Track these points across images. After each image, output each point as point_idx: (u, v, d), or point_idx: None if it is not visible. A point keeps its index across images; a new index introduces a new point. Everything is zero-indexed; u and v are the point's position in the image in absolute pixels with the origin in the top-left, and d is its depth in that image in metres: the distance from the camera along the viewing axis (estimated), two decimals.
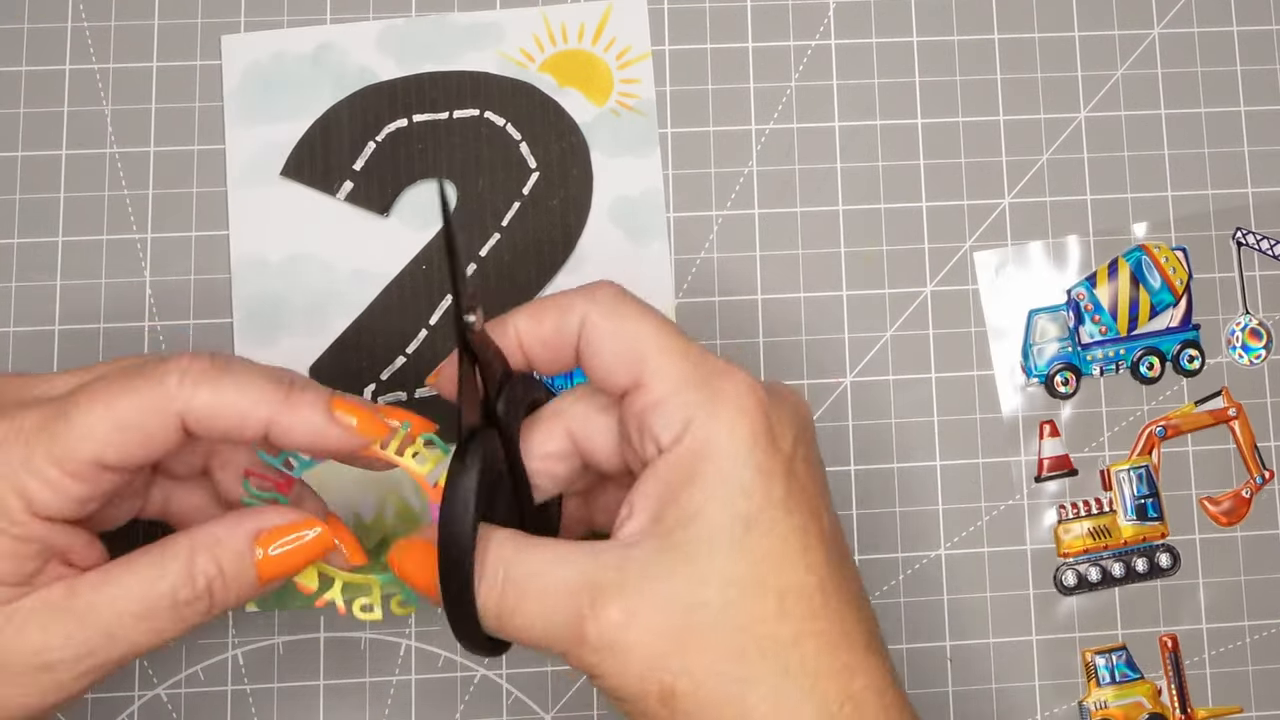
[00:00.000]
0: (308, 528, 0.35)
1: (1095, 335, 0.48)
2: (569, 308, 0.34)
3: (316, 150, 0.47)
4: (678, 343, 0.33)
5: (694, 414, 0.32)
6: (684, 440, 0.32)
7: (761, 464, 0.32)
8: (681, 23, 0.49)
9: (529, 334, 0.35)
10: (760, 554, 0.32)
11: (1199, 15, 0.50)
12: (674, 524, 0.32)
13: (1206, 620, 0.47)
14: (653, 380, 0.33)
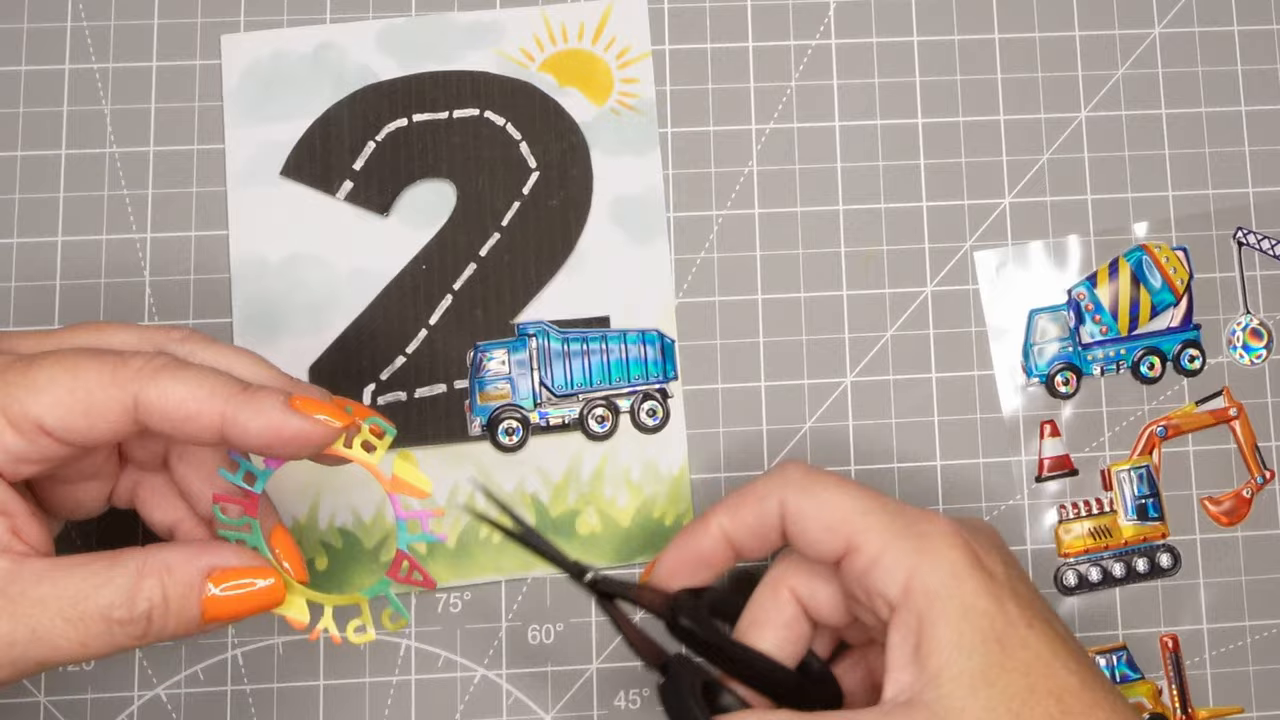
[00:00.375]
0: (261, 576, 0.34)
1: (1096, 335, 0.48)
2: (765, 495, 0.38)
3: (316, 150, 0.47)
4: (876, 502, 0.37)
5: (912, 562, 0.35)
6: (912, 590, 0.35)
7: (989, 589, 0.35)
8: (681, 22, 0.49)
9: (733, 528, 0.38)
10: (1024, 666, 0.34)
11: (1199, 15, 0.50)
12: (939, 665, 0.34)
13: (1207, 620, 0.47)
14: (864, 542, 0.36)
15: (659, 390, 0.47)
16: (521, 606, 0.46)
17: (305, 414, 0.33)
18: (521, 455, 0.46)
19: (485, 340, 0.46)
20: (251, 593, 0.34)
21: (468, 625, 0.46)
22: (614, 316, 0.47)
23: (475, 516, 0.38)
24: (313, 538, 0.45)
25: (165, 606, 0.33)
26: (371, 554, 0.45)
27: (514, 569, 0.46)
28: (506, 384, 0.46)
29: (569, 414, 0.47)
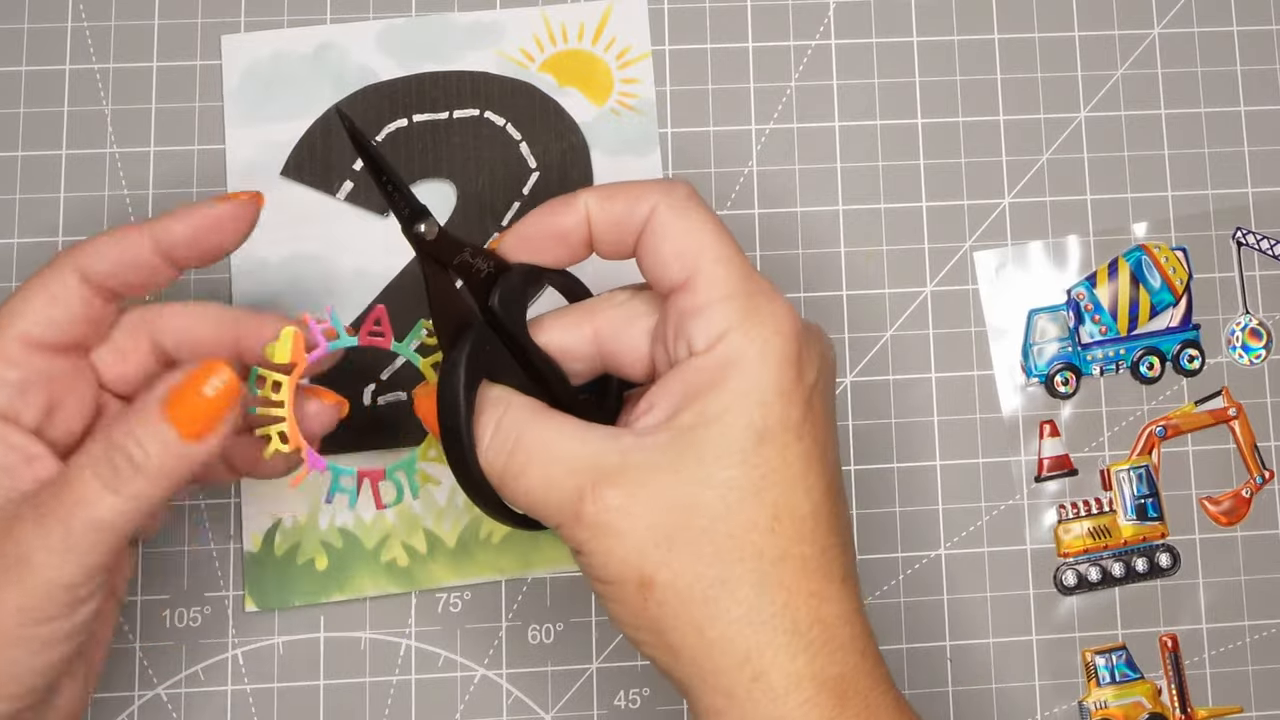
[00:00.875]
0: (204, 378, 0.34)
1: (1095, 335, 0.48)
2: (642, 196, 0.35)
3: (316, 150, 0.47)
4: (733, 254, 0.34)
5: (732, 324, 0.33)
6: (716, 348, 0.33)
7: (784, 386, 0.33)
8: (681, 23, 0.49)
9: (598, 212, 0.35)
10: (765, 469, 0.32)
11: (1199, 15, 0.50)
12: (689, 424, 0.33)
13: (1206, 620, 0.47)
14: (701, 284, 0.34)
15: None
16: (521, 606, 0.46)
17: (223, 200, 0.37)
18: None
19: None
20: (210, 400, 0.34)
21: (468, 625, 0.46)
22: None
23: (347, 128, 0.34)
24: (313, 538, 0.45)
25: (137, 441, 0.33)
26: (372, 554, 0.45)
27: (514, 569, 0.46)
28: None
29: None
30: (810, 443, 0.33)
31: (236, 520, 0.45)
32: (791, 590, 0.32)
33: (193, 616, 0.45)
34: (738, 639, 0.32)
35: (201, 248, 0.37)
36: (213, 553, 0.45)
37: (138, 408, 0.34)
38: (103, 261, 0.36)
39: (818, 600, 0.33)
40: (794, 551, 0.33)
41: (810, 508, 0.33)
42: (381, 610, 0.45)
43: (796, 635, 0.32)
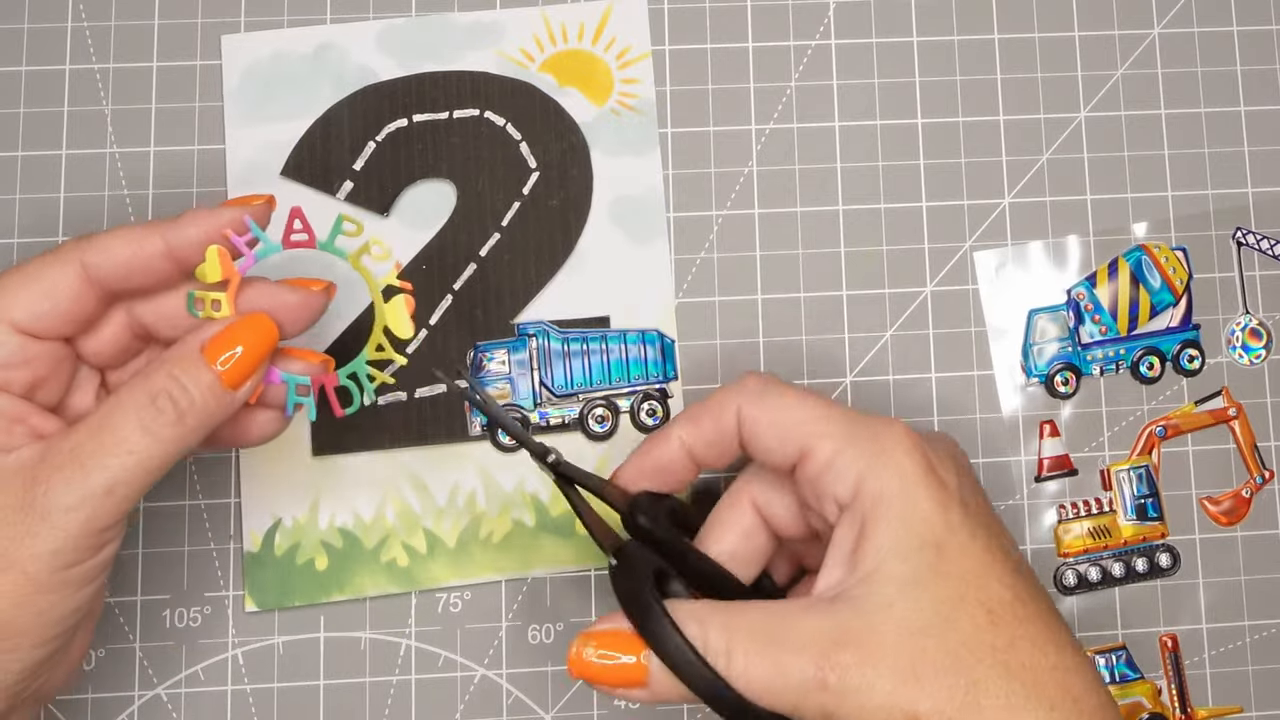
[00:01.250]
0: (246, 332, 0.36)
1: (1095, 335, 0.48)
2: (722, 405, 0.38)
3: (316, 150, 0.47)
4: (831, 409, 0.37)
5: (863, 466, 0.35)
6: (860, 494, 0.35)
7: (935, 496, 0.35)
8: (681, 23, 0.49)
9: (692, 438, 0.39)
10: (958, 574, 0.34)
11: (1199, 15, 0.50)
12: (872, 566, 0.34)
13: (1206, 620, 0.47)
14: (815, 449, 0.36)
15: (659, 390, 0.47)
16: (521, 606, 0.46)
17: (232, 203, 0.37)
18: (521, 455, 0.46)
19: (485, 340, 0.46)
20: (249, 348, 0.36)
21: (468, 625, 0.46)
22: (614, 316, 0.47)
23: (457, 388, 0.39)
24: (313, 538, 0.45)
25: (181, 386, 0.35)
26: (372, 554, 0.45)
27: (514, 569, 0.46)
28: (506, 384, 0.46)
29: (569, 414, 0.47)
30: (984, 535, 0.35)
31: (236, 520, 0.45)
32: (1033, 669, 0.34)
33: (193, 616, 0.45)
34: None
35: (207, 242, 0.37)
36: (213, 553, 0.45)
37: (179, 353, 0.35)
38: (110, 260, 0.36)
39: (1061, 672, 0.34)
40: (1020, 634, 0.34)
41: (1012, 593, 0.35)
42: (381, 610, 0.45)
43: (1053, 710, 0.33)
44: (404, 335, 0.39)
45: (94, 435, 0.34)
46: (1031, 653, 0.34)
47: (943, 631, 0.33)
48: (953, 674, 0.33)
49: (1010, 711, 0.33)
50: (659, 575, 0.37)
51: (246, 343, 0.36)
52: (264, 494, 0.45)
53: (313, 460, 0.46)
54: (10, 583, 0.33)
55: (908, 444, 0.36)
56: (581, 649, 0.35)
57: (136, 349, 0.39)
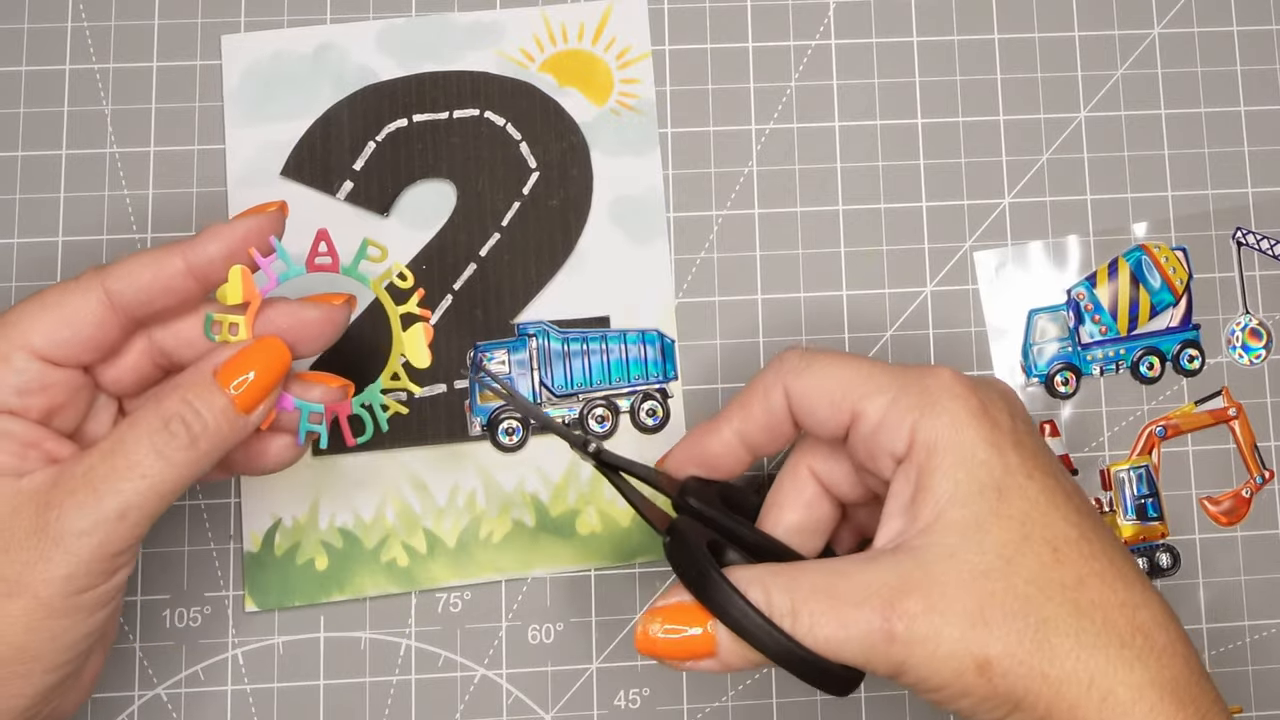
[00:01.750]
0: (258, 358, 0.36)
1: (1095, 335, 0.48)
2: (769, 387, 0.38)
3: (316, 150, 0.47)
4: (875, 367, 0.36)
5: (915, 417, 0.35)
6: (915, 443, 0.35)
7: (990, 439, 0.35)
8: (681, 23, 0.49)
9: (745, 426, 0.38)
10: (1021, 515, 0.34)
11: (1199, 15, 0.50)
12: (932, 514, 0.34)
13: (1206, 620, 0.47)
14: (866, 408, 0.36)
15: (659, 390, 0.47)
16: (521, 606, 0.46)
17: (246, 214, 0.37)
18: (521, 455, 0.46)
19: (485, 340, 0.46)
20: (262, 373, 0.36)
21: (468, 625, 0.46)
22: (614, 316, 0.47)
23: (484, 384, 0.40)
24: (313, 537, 0.45)
25: (194, 410, 0.35)
26: (372, 554, 0.45)
27: (514, 569, 0.46)
28: (507, 384, 0.46)
29: (569, 414, 0.47)
30: (1042, 475, 0.35)
31: (236, 520, 0.45)
32: (1103, 605, 0.33)
33: (193, 616, 0.45)
34: (1078, 667, 0.33)
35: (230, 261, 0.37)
36: (213, 553, 0.45)
37: (191, 378, 0.35)
38: (133, 285, 0.36)
39: (1130, 609, 0.34)
40: (1087, 571, 0.34)
41: (1078, 531, 0.34)
42: (381, 610, 0.45)
43: (1125, 647, 0.33)
44: (421, 365, 0.39)
45: (106, 459, 0.34)
46: (1100, 589, 0.34)
47: (1008, 573, 0.33)
48: (1021, 615, 0.33)
49: (1081, 649, 0.33)
50: (713, 546, 0.36)
51: (260, 367, 0.36)
52: (264, 494, 0.45)
53: (313, 460, 0.46)
54: (22, 608, 0.33)
55: (957, 389, 0.35)
56: (648, 626, 0.35)
57: (156, 378, 0.39)
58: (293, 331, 0.37)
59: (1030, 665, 0.33)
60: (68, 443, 0.36)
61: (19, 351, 0.35)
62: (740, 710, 0.46)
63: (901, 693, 0.46)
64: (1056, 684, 0.33)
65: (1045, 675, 0.33)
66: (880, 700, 0.46)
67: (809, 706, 0.46)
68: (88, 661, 0.36)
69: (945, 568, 0.33)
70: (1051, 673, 0.33)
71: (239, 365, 0.36)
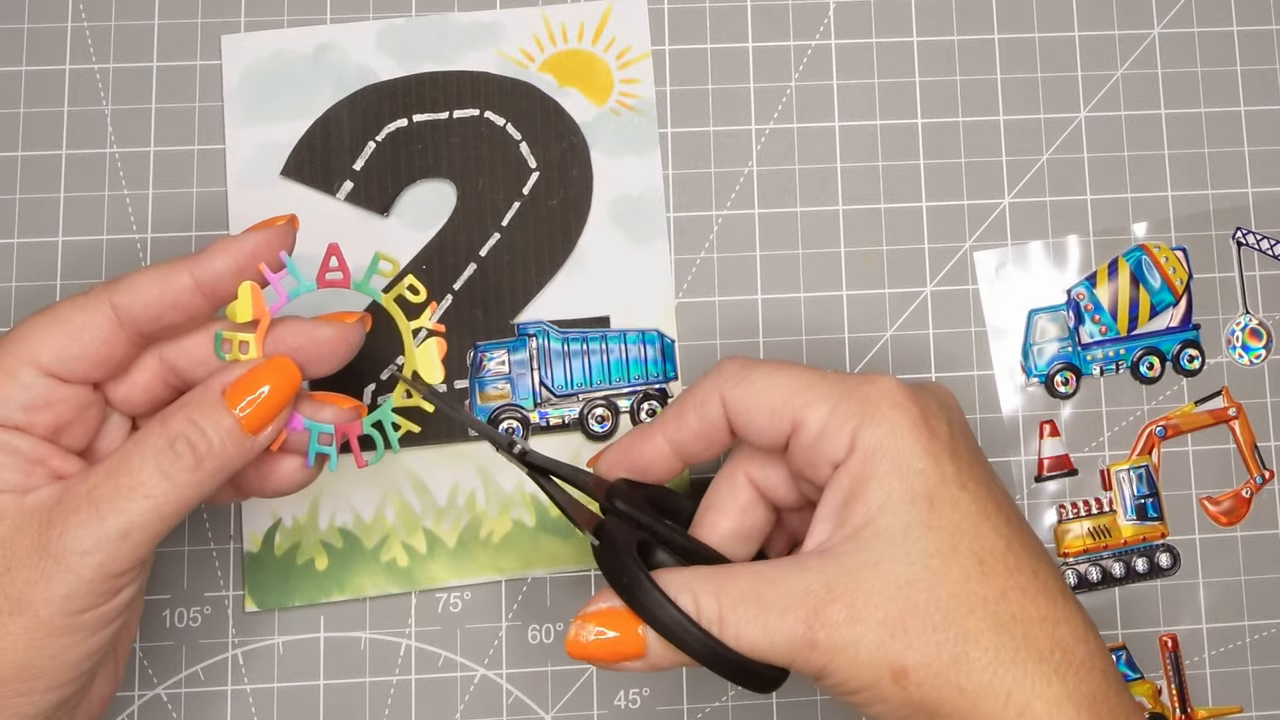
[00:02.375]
0: (270, 375, 0.36)
1: (1095, 335, 0.48)
2: (704, 397, 0.37)
3: (316, 150, 0.47)
4: (815, 376, 0.36)
5: (855, 424, 0.35)
6: (853, 451, 0.35)
7: (927, 448, 0.35)
8: (681, 23, 0.49)
9: (679, 435, 0.38)
10: (950, 526, 0.34)
11: (1199, 15, 0.50)
12: (863, 521, 0.34)
13: (1206, 620, 0.47)
14: (807, 418, 0.36)
15: (659, 390, 0.47)
16: (521, 606, 0.46)
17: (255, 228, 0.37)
18: None
19: (485, 340, 0.46)
20: (272, 393, 0.36)
21: (468, 625, 0.46)
22: (614, 316, 0.47)
23: (406, 388, 0.38)
24: (313, 538, 0.45)
25: (200, 431, 0.34)
26: (372, 554, 0.45)
27: (514, 569, 0.46)
28: (506, 384, 0.46)
29: (569, 414, 0.47)
30: (975, 485, 0.35)
31: (236, 520, 0.45)
32: (1024, 621, 0.34)
33: (193, 616, 0.45)
34: (995, 681, 0.33)
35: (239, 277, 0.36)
36: (213, 553, 0.45)
37: (198, 397, 0.35)
38: (140, 300, 0.35)
39: (1051, 624, 0.34)
40: (1011, 585, 0.34)
41: (1004, 542, 0.35)
42: (381, 610, 0.45)
43: (1043, 662, 0.33)
44: (434, 380, 0.38)
45: (110, 478, 0.34)
46: (1022, 603, 0.34)
47: (932, 585, 0.33)
48: (942, 627, 0.33)
49: (999, 663, 0.33)
50: (643, 547, 0.36)
51: (269, 385, 0.35)
52: None
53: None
54: (23, 626, 0.33)
55: (898, 398, 0.35)
56: (579, 631, 0.35)
57: (169, 397, 0.38)
58: (304, 351, 0.37)
59: (946, 678, 0.33)
60: (75, 460, 0.36)
61: (26, 367, 0.35)
62: (740, 710, 0.46)
63: None
64: (973, 697, 0.33)
65: (961, 688, 0.33)
66: None
67: (809, 706, 0.46)
68: (95, 680, 0.36)
69: (870, 576, 0.33)
70: (968, 686, 0.33)
71: (248, 385, 0.35)
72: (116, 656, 0.38)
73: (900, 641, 0.33)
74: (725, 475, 0.39)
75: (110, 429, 0.38)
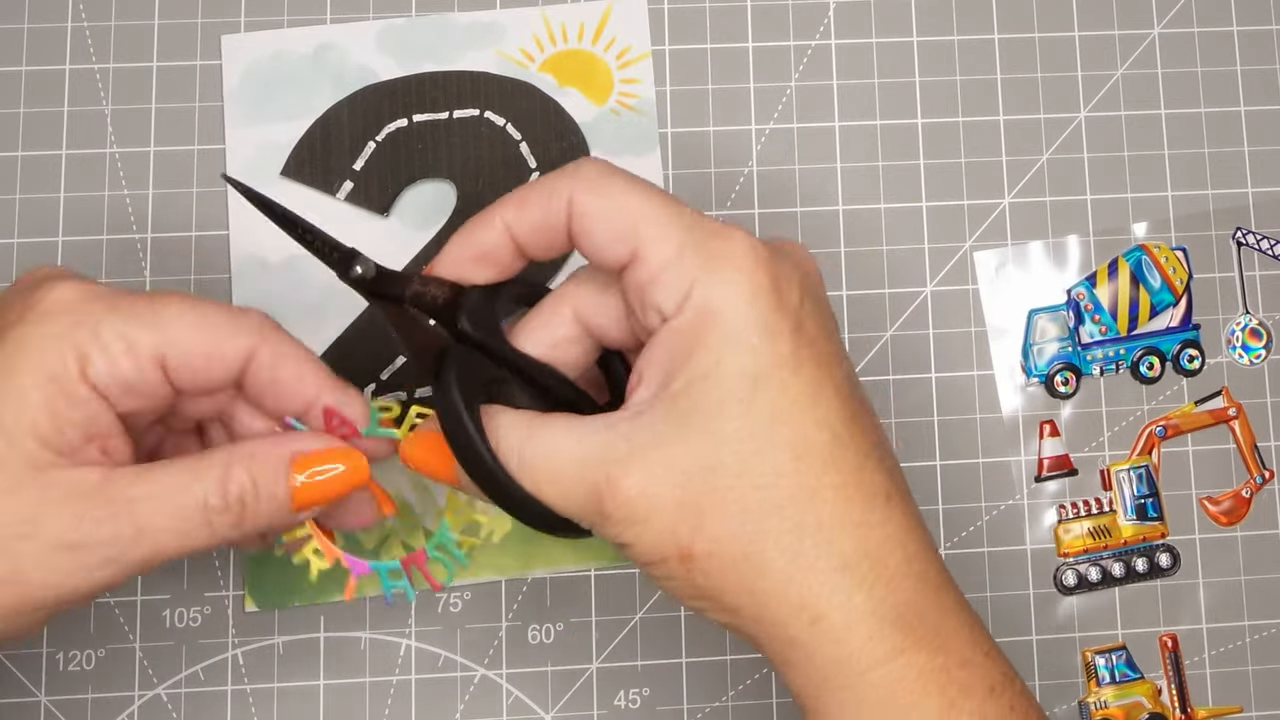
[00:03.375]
0: (344, 459, 0.35)
1: (1095, 335, 0.48)
2: (553, 191, 0.33)
3: (316, 150, 0.47)
4: (671, 210, 0.33)
5: (695, 278, 0.32)
6: (687, 306, 0.32)
7: (767, 321, 0.32)
8: (681, 23, 0.49)
9: (517, 224, 0.34)
10: (771, 411, 0.31)
11: (1199, 15, 0.50)
12: (681, 388, 0.31)
13: (1206, 620, 0.47)
14: (649, 251, 0.32)
15: None
16: (521, 606, 0.46)
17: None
18: None
19: None
20: (336, 476, 0.35)
21: (468, 625, 0.46)
22: None
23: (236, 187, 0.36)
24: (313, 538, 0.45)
25: (255, 491, 0.34)
26: (372, 554, 0.45)
27: (514, 569, 0.46)
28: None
29: None
30: (811, 368, 0.32)
31: None
32: (831, 527, 0.31)
33: (193, 616, 0.45)
34: (789, 588, 0.31)
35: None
36: (213, 552, 0.45)
37: (265, 458, 0.34)
38: (273, 383, 0.35)
39: (863, 530, 0.31)
40: (825, 484, 0.31)
41: (829, 436, 0.32)
42: (381, 610, 0.45)
43: (846, 572, 0.31)
44: None
45: (156, 503, 0.33)
46: (835, 505, 0.31)
47: (739, 473, 0.31)
48: (738, 521, 0.31)
49: (795, 569, 0.31)
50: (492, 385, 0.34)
51: (344, 466, 0.35)
52: None
53: None
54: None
55: (751, 258, 0.32)
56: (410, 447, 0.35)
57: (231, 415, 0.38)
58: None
59: (736, 574, 0.31)
60: (127, 443, 0.35)
61: (151, 357, 0.33)
62: (740, 710, 0.46)
63: None
64: (763, 599, 0.31)
65: (751, 590, 0.31)
66: None
67: None
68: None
69: (675, 451, 0.31)
70: (758, 588, 0.31)
71: (321, 458, 0.35)
72: None
73: (690, 525, 0.31)
74: (548, 305, 0.35)
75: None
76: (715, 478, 0.31)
